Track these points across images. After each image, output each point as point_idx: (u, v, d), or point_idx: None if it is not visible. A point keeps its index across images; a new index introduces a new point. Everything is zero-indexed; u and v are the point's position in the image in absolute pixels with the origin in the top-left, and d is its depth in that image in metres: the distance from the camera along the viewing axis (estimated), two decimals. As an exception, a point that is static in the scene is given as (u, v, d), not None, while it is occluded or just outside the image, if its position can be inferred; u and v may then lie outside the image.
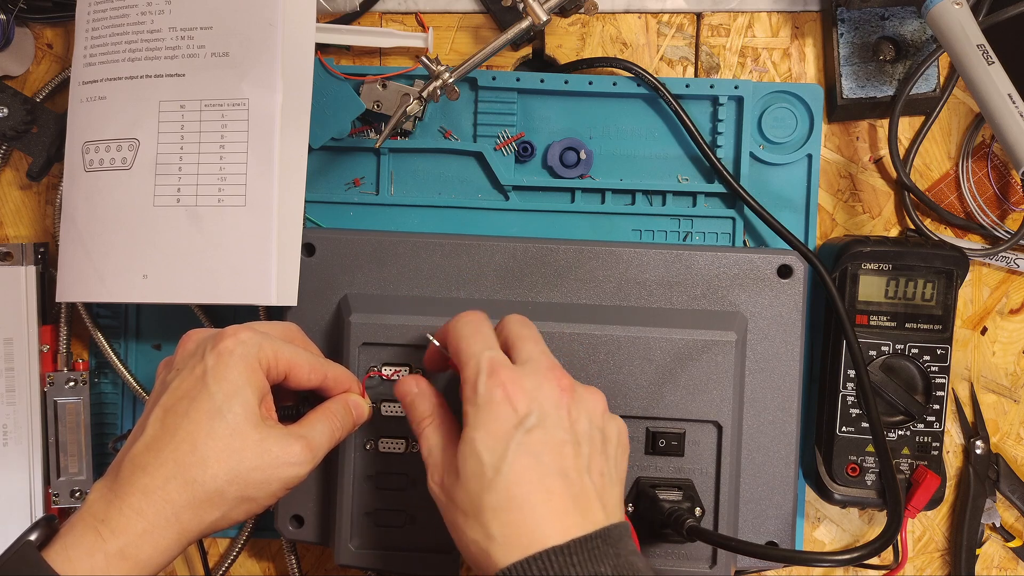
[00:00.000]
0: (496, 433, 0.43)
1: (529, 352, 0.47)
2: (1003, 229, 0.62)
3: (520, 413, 0.43)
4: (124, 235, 0.56)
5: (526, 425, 0.43)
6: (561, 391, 0.45)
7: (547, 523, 0.41)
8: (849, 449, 0.58)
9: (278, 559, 0.65)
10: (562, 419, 0.44)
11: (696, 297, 0.57)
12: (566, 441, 0.44)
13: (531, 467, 0.42)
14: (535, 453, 0.42)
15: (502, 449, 0.42)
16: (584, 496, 0.43)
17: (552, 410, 0.44)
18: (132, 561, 0.42)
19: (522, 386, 0.44)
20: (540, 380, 0.45)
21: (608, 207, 0.62)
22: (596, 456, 0.45)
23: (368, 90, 0.60)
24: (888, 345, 0.58)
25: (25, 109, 0.61)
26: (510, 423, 0.43)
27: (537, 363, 0.46)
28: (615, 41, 0.63)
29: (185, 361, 0.47)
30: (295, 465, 0.46)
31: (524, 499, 0.41)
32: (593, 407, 0.46)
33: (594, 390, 0.47)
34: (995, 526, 0.63)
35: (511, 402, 0.44)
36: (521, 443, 0.42)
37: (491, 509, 0.42)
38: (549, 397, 0.44)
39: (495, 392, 0.44)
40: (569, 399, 0.45)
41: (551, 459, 0.43)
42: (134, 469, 0.43)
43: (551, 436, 0.43)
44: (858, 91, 0.61)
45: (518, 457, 0.42)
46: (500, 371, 0.44)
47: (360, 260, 0.58)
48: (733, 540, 0.50)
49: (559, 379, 0.45)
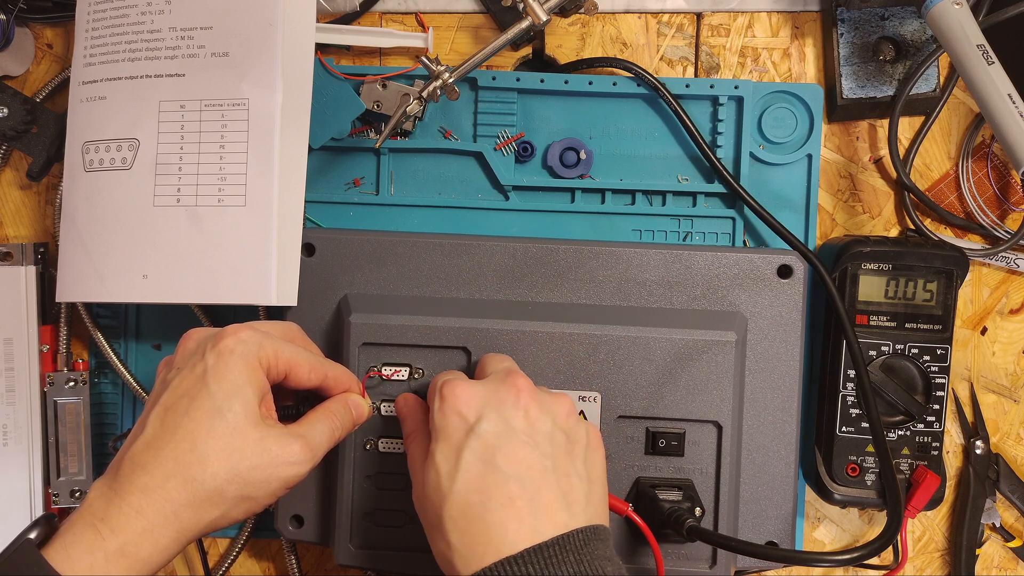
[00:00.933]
0: (450, 443, 0.44)
1: (493, 368, 0.48)
2: (1003, 229, 0.62)
3: (470, 420, 0.44)
4: (124, 235, 0.56)
5: (477, 431, 0.43)
6: (518, 392, 0.45)
7: (504, 530, 0.41)
8: (849, 449, 0.58)
9: (278, 559, 0.65)
10: (518, 420, 0.44)
11: (696, 297, 0.57)
12: (523, 443, 0.43)
13: (485, 473, 0.42)
14: (488, 459, 0.42)
15: (455, 458, 0.43)
16: (545, 500, 0.42)
17: (508, 412, 0.44)
18: (131, 559, 0.42)
19: (474, 394, 0.45)
20: (496, 386, 0.45)
21: (608, 207, 0.62)
22: (561, 457, 0.44)
23: (368, 90, 0.60)
24: (888, 345, 0.58)
25: (25, 109, 0.61)
26: (461, 431, 0.44)
27: (496, 373, 0.47)
28: (615, 41, 0.63)
29: (185, 360, 0.47)
30: (295, 464, 0.46)
31: (480, 507, 0.41)
32: (557, 410, 0.46)
33: (560, 394, 0.47)
34: (995, 526, 0.63)
35: (461, 411, 0.44)
36: (474, 449, 0.43)
37: (450, 519, 0.42)
38: (504, 400, 0.45)
39: (446, 406, 0.45)
40: (528, 400, 0.45)
41: (507, 463, 0.42)
42: (134, 468, 0.43)
43: (506, 439, 0.43)
44: (858, 91, 0.61)
45: (472, 464, 0.42)
46: (450, 386, 0.45)
47: (360, 260, 0.58)
48: (733, 540, 0.50)
49: (516, 382, 0.46)
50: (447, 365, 0.56)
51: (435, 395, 0.46)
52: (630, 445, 0.56)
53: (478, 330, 0.55)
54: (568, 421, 0.46)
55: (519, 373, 0.47)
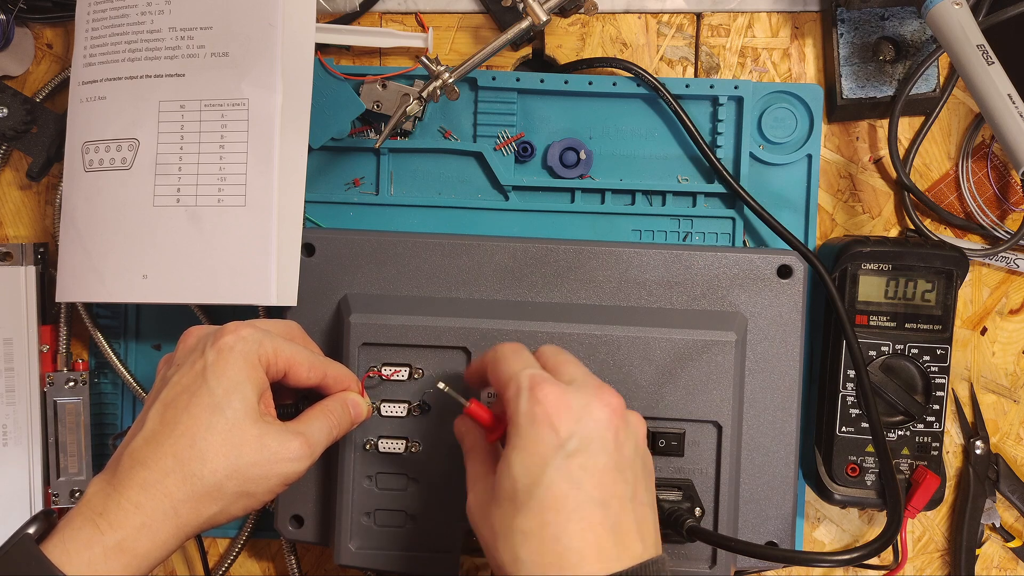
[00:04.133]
0: (535, 455, 0.41)
1: (573, 373, 0.45)
2: (1003, 229, 0.62)
3: (562, 435, 0.41)
4: (124, 235, 0.56)
5: (567, 448, 0.41)
6: (611, 412, 0.42)
7: (580, 554, 0.39)
8: (849, 449, 0.58)
9: (278, 559, 0.65)
10: (608, 443, 0.42)
11: (696, 297, 0.57)
12: (610, 467, 0.41)
13: (569, 494, 0.40)
14: (575, 479, 0.40)
15: (539, 472, 0.40)
16: (623, 527, 0.40)
17: (599, 433, 0.42)
18: (130, 554, 0.42)
19: (567, 405, 0.42)
20: (588, 399, 0.42)
21: (608, 207, 0.62)
22: (639, 485, 0.43)
23: (368, 90, 0.60)
24: (888, 345, 0.58)
25: (25, 109, 0.61)
26: (550, 445, 0.41)
27: (585, 382, 0.44)
28: (615, 41, 0.63)
29: (185, 357, 0.47)
30: (293, 461, 0.46)
31: (558, 527, 0.39)
32: (639, 432, 0.44)
33: (638, 415, 0.45)
34: (995, 526, 0.63)
35: (553, 422, 0.41)
36: (560, 467, 0.40)
37: (521, 533, 0.40)
38: (598, 419, 0.42)
39: (536, 410, 0.42)
40: (619, 422, 0.43)
41: (592, 486, 0.40)
42: (133, 463, 0.43)
43: (595, 461, 0.41)
44: (858, 91, 0.61)
45: (556, 482, 0.40)
46: (542, 386, 0.42)
47: (360, 260, 0.58)
48: (733, 540, 0.50)
49: (609, 399, 0.43)
50: (447, 365, 0.56)
51: (521, 391, 0.43)
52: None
53: (478, 330, 0.55)
54: (643, 444, 0.45)
55: (610, 388, 0.44)
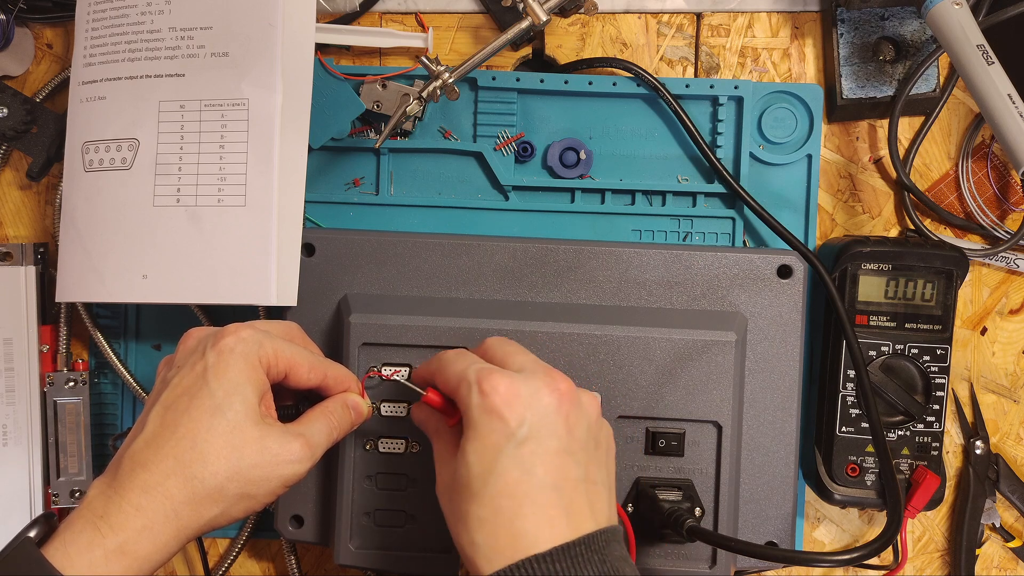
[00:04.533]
0: (487, 445, 0.42)
1: (521, 362, 0.46)
2: (1003, 229, 0.62)
3: (512, 424, 0.42)
4: (124, 235, 0.56)
5: (518, 436, 0.42)
6: (560, 397, 0.44)
7: (532, 533, 0.41)
8: (849, 449, 0.58)
9: (278, 559, 0.65)
10: (558, 428, 0.43)
11: (696, 297, 0.57)
12: (561, 451, 0.43)
13: (521, 480, 0.41)
14: (526, 467, 0.42)
15: (491, 461, 0.42)
16: (575, 506, 0.42)
17: (549, 419, 0.43)
18: (131, 557, 0.42)
19: (516, 393, 0.43)
20: (537, 386, 0.44)
21: (608, 207, 0.62)
22: (592, 465, 0.44)
23: (368, 90, 0.60)
24: (888, 345, 0.58)
25: (25, 109, 0.61)
26: (502, 434, 0.42)
27: (533, 370, 0.45)
28: (615, 41, 0.63)
29: (186, 358, 0.47)
30: (294, 463, 0.46)
31: (512, 511, 0.41)
32: (591, 412, 0.45)
33: (590, 393, 0.46)
34: (995, 526, 0.63)
35: (502, 412, 0.43)
36: (512, 455, 0.42)
37: (477, 519, 0.42)
38: (547, 405, 0.43)
39: (486, 402, 0.43)
40: (569, 405, 0.44)
41: (544, 471, 0.42)
42: (134, 465, 0.43)
43: (546, 447, 0.42)
44: (858, 91, 0.61)
45: (508, 470, 0.42)
46: (489, 378, 0.43)
47: (360, 260, 0.58)
48: (733, 540, 0.50)
49: (557, 384, 0.44)
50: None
51: (472, 387, 0.44)
52: (630, 445, 0.56)
53: (478, 330, 0.55)
54: (598, 423, 0.46)
55: (558, 373, 0.45)
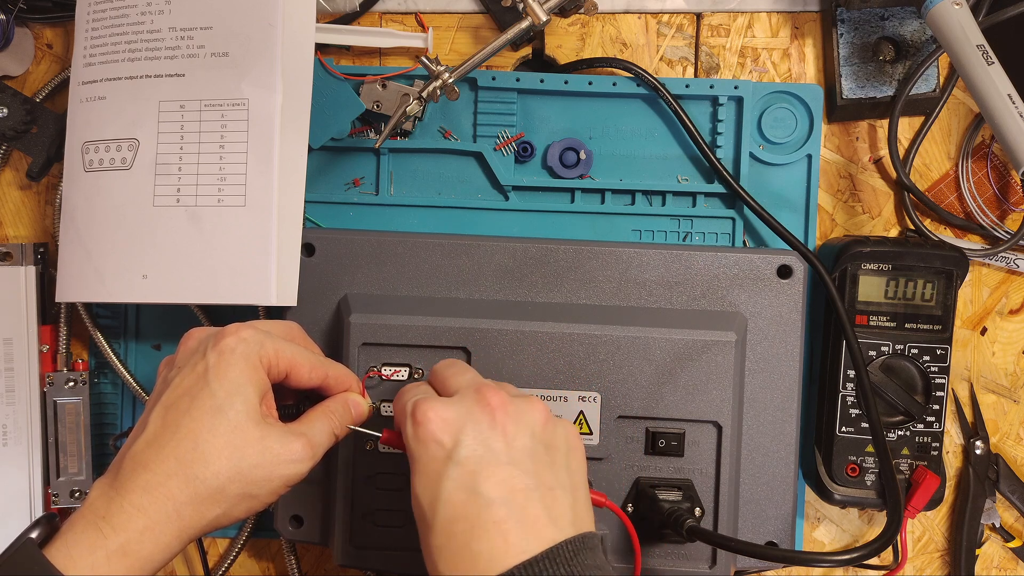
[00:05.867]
0: (429, 472, 0.42)
1: (457, 383, 0.46)
2: (1003, 229, 0.62)
3: (447, 446, 0.42)
4: (124, 235, 0.56)
5: (456, 458, 0.42)
6: (492, 411, 0.43)
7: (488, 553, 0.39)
8: (849, 449, 0.58)
9: (278, 559, 0.65)
10: (496, 442, 0.42)
11: (696, 297, 0.57)
12: (504, 464, 0.42)
13: (467, 502, 0.41)
14: (469, 486, 0.41)
15: (436, 488, 0.41)
16: (529, 517, 0.41)
17: (484, 433, 0.42)
18: (133, 558, 0.42)
19: (445, 417, 0.43)
20: (468, 405, 0.43)
21: (608, 207, 0.62)
22: (543, 471, 0.43)
23: (368, 90, 0.60)
24: (888, 345, 0.58)
25: (25, 109, 0.61)
26: (439, 459, 0.42)
27: (465, 390, 0.45)
28: (615, 41, 0.63)
29: (187, 359, 0.47)
30: (296, 463, 0.46)
31: (465, 534, 0.40)
32: (533, 419, 0.44)
33: (533, 399, 0.45)
34: (995, 526, 0.63)
35: (437, 437, 0.42)
36: (454, 478, 0.41)
37: (436, 549, 0.41)
38: (480, 421, 0.43)
39: (419, 432, 0.43)
40: (503, 417, 0.43)
41: (489, 487, 0.41)
42: (135, 466, 0.43)
43: (486, 463, 0.42)
44: (858, 91, 0.61)
45: (453, 493, 0.41)
46: (420, 407, 0.43)
47: (360, 260, 0.58)
48: (733, 540, 0.50)
49: (488, 399, 0.43)
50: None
51: (406, 418, 0.44)
52: (630, 445, 0.56)
53: (478, 330, 0.55)
54: (545, 429, 0.44)
55: (489, 386, 0.45)
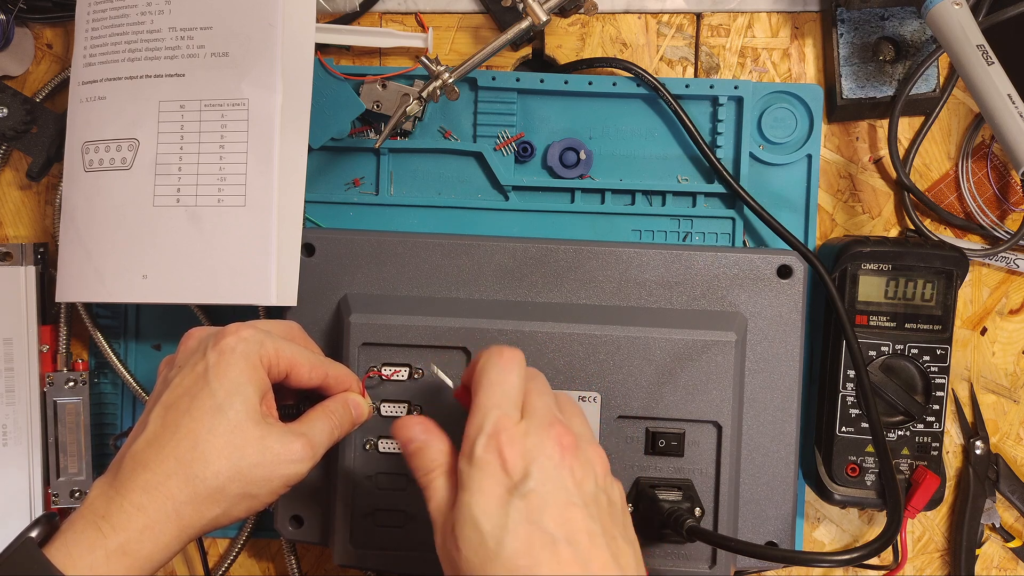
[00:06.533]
0: (492, 498, 0.40)
1: (534, 405, 0.44)
2: (1003, 229, 0.62)
3: (515, 476, 0.41)
4: (124, 235, 0.56)
5: (522, 489, 0.40)
6: (563, 450, 0.42)
7: None
8: (849, 449, 0.58)
9: (278, 559, 0.65)
10: (564, 480, 0.41)
11: (696, 297, 0.57)
12: (571, 504, 0.41)
13: (534, 536, 0.39)
14: (536, 520, 0.39)
15: (501, 517, 0.40)
16: (595, 560, 0.40)
17: (552, 471, 0.41)
18: (133, 557, 0.42)
19: (519, 445, 0.41)
20: (541, 438, 0.42)
21: (608, 207, 0.62)
22: (606, 518, 0.42)
23: (368, 90, 0.60)
24: (888, 345, 0.58)
25: (25, 109, 0.61)
26: (503, 486, 0.40)
27: (541, 419, 0.43)
28: (615, 41, 0.63)
29: (187, 358, 0.47)
30: (296, 462, 0.46)
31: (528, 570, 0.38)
32: (598, 468, 0.43)
33: (598, 449, 0.44)
34: (995, 526, 0.63)
35: (505, 463, 0.41)
36: (520, 509, 0.40)
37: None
38: (550, 457, 0.41)
39: (490, 455, 0.41)
40: (572, 458, 0.42)
41: (556, 525, 0.40)
42: (135, 466, 0.43)
43: (553, 499, 0.40)
44: (858, 91, 0.61)
45: (519, 526, 0.39)
46: (501, 434, 0.41)
47: (360, 260, 0.58)
48: (733, 540, 0.50)
49: (560, 437, 0.42)
50: (446, 365, 0.56)
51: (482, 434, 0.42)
52: (630, 445, 0.56)
53: (478, 330, 0.55)
54: (606, 480, 0.44)
55: (563, 424, 0.43)
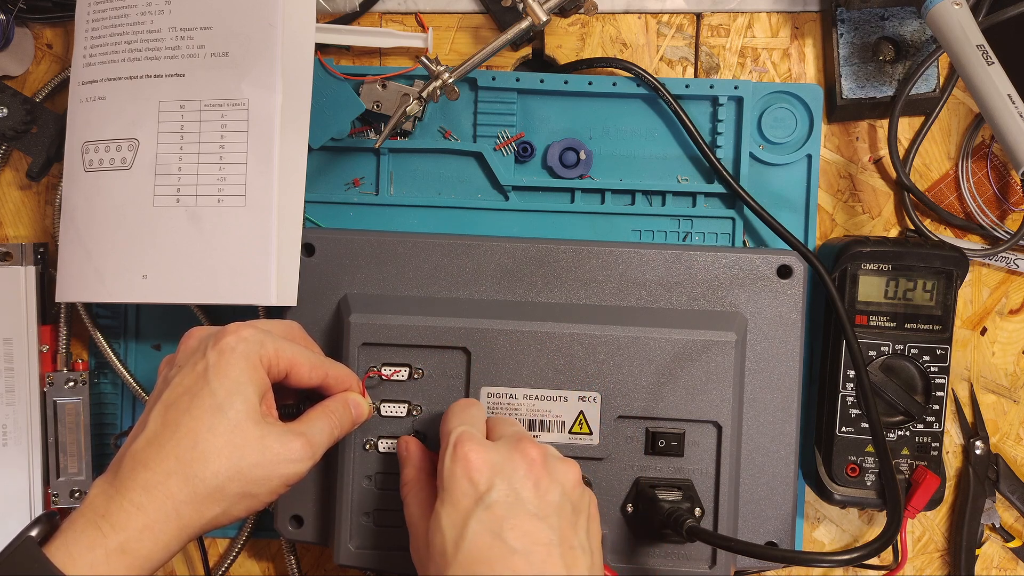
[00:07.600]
0: (458, 508, 0.43)
1: (502, 431, 0.48)
2: (1003, 229, 0.62)
3: (480, 488, 0.43)
4: (124, 235, 0.56)
5: (486, 501, 0.43)
6: (530, 463, 0.45)
7: None
8: (849, 449, 0.58)
9: (278, 559, 0.65)
10: (527, 492, 0.44)
11: (696, 297, 0.57)
12: (531, 516, 0.43)
13: (491, 545, 0.42)
14: (496, 530, 0.42)
15: (462, 525, 0.42)
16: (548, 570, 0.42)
17: (518, 483, 0.44)
18: (132, 556, 0.42)
19: (486, 459, 0.44)
20: (508, 452, 0.45)
21: (608, 207, 0.62)
22: (567, 529, 0.44)
23: (368, 90, 0.60)
24: (888, 345, 0.58)
25: (25, 109, 0.61)
26: (470, 498, 0.43)
27: (508, 438, 0.46)
28: (615, 41, 0.63)
29: (187, 358, 0.47)
30: (295, 462, 0.46)
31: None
32: (566, 478, 0.46)
33: (568, 461, 0.47)
34: (995, 526, 0.63)
35: (471, 476, 0.44)
36: (482, 519, 0.42)
37: None
38: (516, 469, 0.44)
39: (456, 467, 0.44)
40: (539, 471, 0.45)
41: (515, 536, 0.42)
42: (135, 465, 0.43)
43: (514, 511, 0.43)
44: (858, 91, 0.61)
45: (479, 534, 0.42)
46: (464, 443, 0.45)
47: (360, 260, 0.58)
48: (733, 540, 0.50)
49: (527, 451, 0.45)
50: (447, 365, 0.56)
51: (448, 448, 0.46)
52: (630, 445, 0.56)
53: (478, 330, 0.55)
54: (575, 491, 0.46)
55: (530, 440, 0.46)
